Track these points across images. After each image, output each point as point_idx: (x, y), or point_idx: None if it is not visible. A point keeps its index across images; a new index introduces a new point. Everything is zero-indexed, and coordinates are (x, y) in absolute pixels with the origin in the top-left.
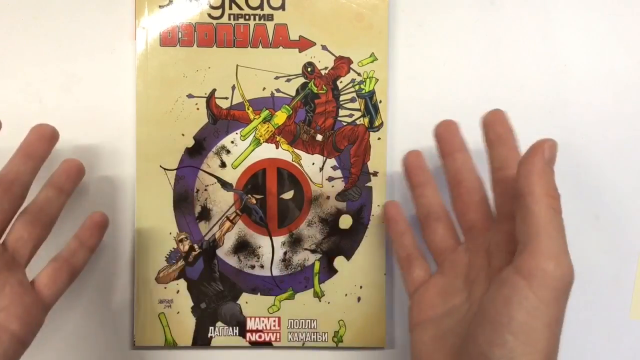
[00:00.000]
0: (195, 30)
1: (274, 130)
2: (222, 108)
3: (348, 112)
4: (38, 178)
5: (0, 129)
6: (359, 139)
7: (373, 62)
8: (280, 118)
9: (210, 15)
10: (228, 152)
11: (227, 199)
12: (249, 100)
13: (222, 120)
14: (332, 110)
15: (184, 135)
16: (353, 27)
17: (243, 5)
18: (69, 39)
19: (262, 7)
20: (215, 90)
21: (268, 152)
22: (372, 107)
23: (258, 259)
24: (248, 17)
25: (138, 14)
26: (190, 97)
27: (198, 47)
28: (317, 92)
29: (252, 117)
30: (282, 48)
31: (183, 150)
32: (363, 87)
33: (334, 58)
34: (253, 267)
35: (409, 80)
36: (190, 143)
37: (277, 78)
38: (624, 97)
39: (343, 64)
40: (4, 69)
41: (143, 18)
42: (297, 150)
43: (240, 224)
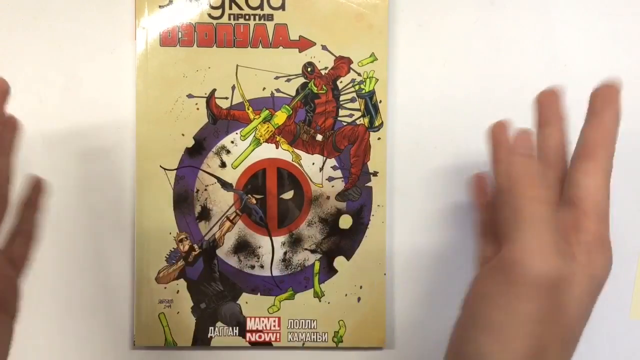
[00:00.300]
0: (195, 30)
1: (274, 130)
2: (222, 108)
3: (348, 112)
4: None
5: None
6: (359, 139)
7: (373, 62)
8: (280, 118)
9: (210, 15)
10: (228, 152)
11: (227, 199)
12: (249, 100)
13: (222, 120)
14: (332, 110)
15: (184, 135)
16: (353, 27)
17: (243, 5)
18: (69, 39)
19: (262, 7)
20: (215, 90)
21: (268, 152)
22: (372, 107)
23: (258, 259)
24: (248, 17)
25: (138, 14)
26: (190, 97)
27: (198, 47)
28: (317, 92)
29: (252, 117)
30: (282, 48)
31: (183, 150)
32: (363, 87)
33: (334, 58)
34: (253, 267)
35: (409, 80)
36: (190, 143)
37: (277, 78)
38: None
39: (343, 64)
40: (4, 69)
41: (143, 18)
42: (297, 150)
43: (240, 224)
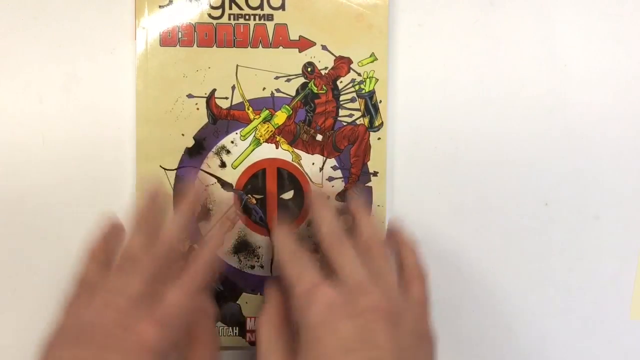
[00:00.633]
0: (195, 30)
1: (274, 130)
2: (222, 108)
3: (348, 112)
4: None
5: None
6: (359, 139)
7: (373, 62)
8: (280, 118)
9: (210, 15)
10: (228, 152)
11: (227, 199)
12: (249, 100)
13: (222, 120)
14: (332, 110)
15: (184, 135)
16: (353, 27)
17: (243, 5)
18: (69, 39)
19: (262, 7)
20: (215, 90)
21: (268, 152)
22: (372, 107)
23: (258, 259)
24: (248, 17)
25: (138, 14)
26: (190, 97)
27: (198, 47)
28: (317, 92)
29: (252, 117)
30: (282, 48)
31: (183, 150)
32: (363, 87)
33: (334, 58)
34: (253, 267)
35: (409, 80)
36: (190, 143)
37: (277, 78)
38: (624, 97)
39: (343, 64)
40: (4, 69)
41: (143, 18)
42: (297, 150)
43: (240, 224)
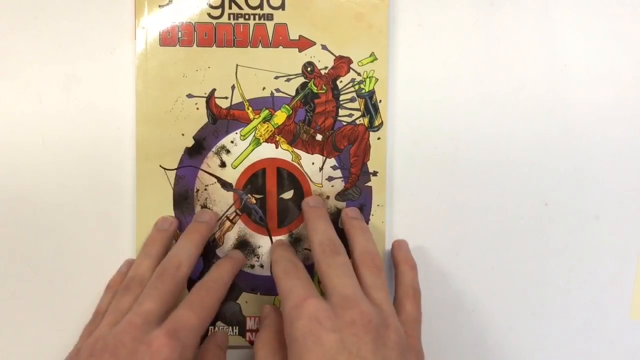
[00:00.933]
0: (195, 30)
1: (274, 130)
2: (221, 108)
3: (348, 111)
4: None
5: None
6: (359, 139)
7: (373, 62)
8: (280, 118)
9: (210, 15)
10: (228, 151)
11: (227, 199)
12: (249, 100)
13: (221, 120)
14: (332, 110)
15: (184, 135)
16: (353, 27)
17: (243, 5)
18: (69, 39)
19: (261, 6)
20: (215, 90)
21: (268, 151)
22: (372, 106)
23: (258, 259)
24: (248, 16)
25: (138, 14)
26: (190, 97)
27: (198, 46)
28: (317, 91)
29: (251, 116)
30: (282, 48)
31: (183, 150)
32: (363, 86)
33: (334, 58)
34: (253, 266)
35: (409, 80)
36: (190, 143)
37: (277, 78)
38: (624, 97)
39: (343, 64)
40: (4, 69)
41: (143, 18)
42: (296, 150)
43: (240, 224)
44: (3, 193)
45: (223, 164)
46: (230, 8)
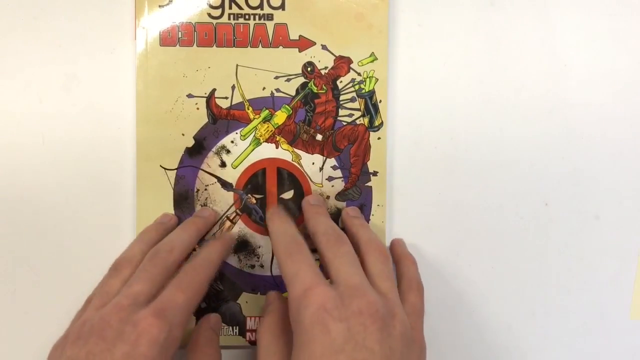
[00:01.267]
0: (195, 30)
1: (274, 130)
2: (222, 108)
3: (348, 111)
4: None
5: None
6: (359, 139)
7: (373, 62)
8: (280, 118)
9: (210, 15)
10: (228, 151)
11: (227, 199)
12: (249, 100)
13: (222, 120)
14: (332, 110)
15: (184, 135)
16: (353, 27)
17: (243, 5)
18: (69, 39)
19: (262, 6)
20: (215, 90)
21: (268, 151)
22: (372, 106)
23: (258, 259)
24: (248, 16)
25: (138, 14)
26: (190, 97)
27: (198, 46)
28: (317, 91)
29: (252, 116)
30: (282, 48)
31: (183, 150)
32: (363, 86)
33: (334, 58)
34: (253, 266)
35: (409, 80)
36: (190, 143)
37: (277, 78)
38: (624, 97)
39: (343, 64)
40: (4, 69)
41: (143, 18)
42: (297, 150)
43: (241, 224)
44: (3, 193)
45: (223, 164)
46: (231, 8)
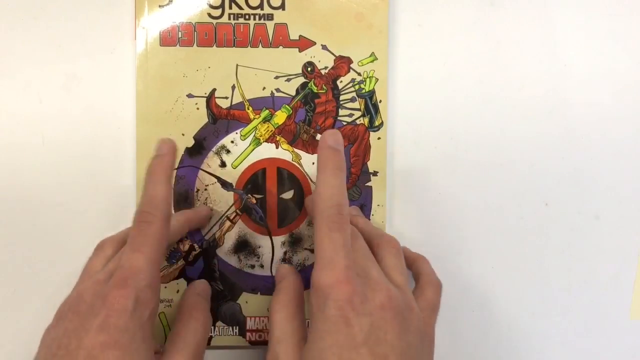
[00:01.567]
0: (195, 30)
1: (274, 130)
2: (222, 108)
3: (348, 111)
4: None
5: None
6: (359, 139)
7: (373, 61)
8: (280, 118)
9: (210, 15)
10: (228, 151)
11: (227, 199)
12: (249, 100)
13: (222, 120)
14: (332, 110)
15: (184, 135)
16: (353, 27)
17: (243, 5)
18: (69, 39)
19: (262, 6)
20: (215, 90)
21: (268, 151)
22: (372, 106)
23: (258, 259)
24: (248, 16)
25: (138, 14)
26: (190, 96)
27: (198, 46)
28: (317, 91)
29: (252, 116)
30: (282, 48)
31: (183, 150)
32: (363, 86)
33: (334, 58)
34: (253, 266)
35: (409, 80)
36: (190, 143)
37: (277, 78)
38: (624, 97)
39: (343, 64)
40: (4, 69)
41: (143, 18)
42: (297, 150)
43: (240, 224)
44: (3, 193)
45: (223, 164)
46: (231, 8)
